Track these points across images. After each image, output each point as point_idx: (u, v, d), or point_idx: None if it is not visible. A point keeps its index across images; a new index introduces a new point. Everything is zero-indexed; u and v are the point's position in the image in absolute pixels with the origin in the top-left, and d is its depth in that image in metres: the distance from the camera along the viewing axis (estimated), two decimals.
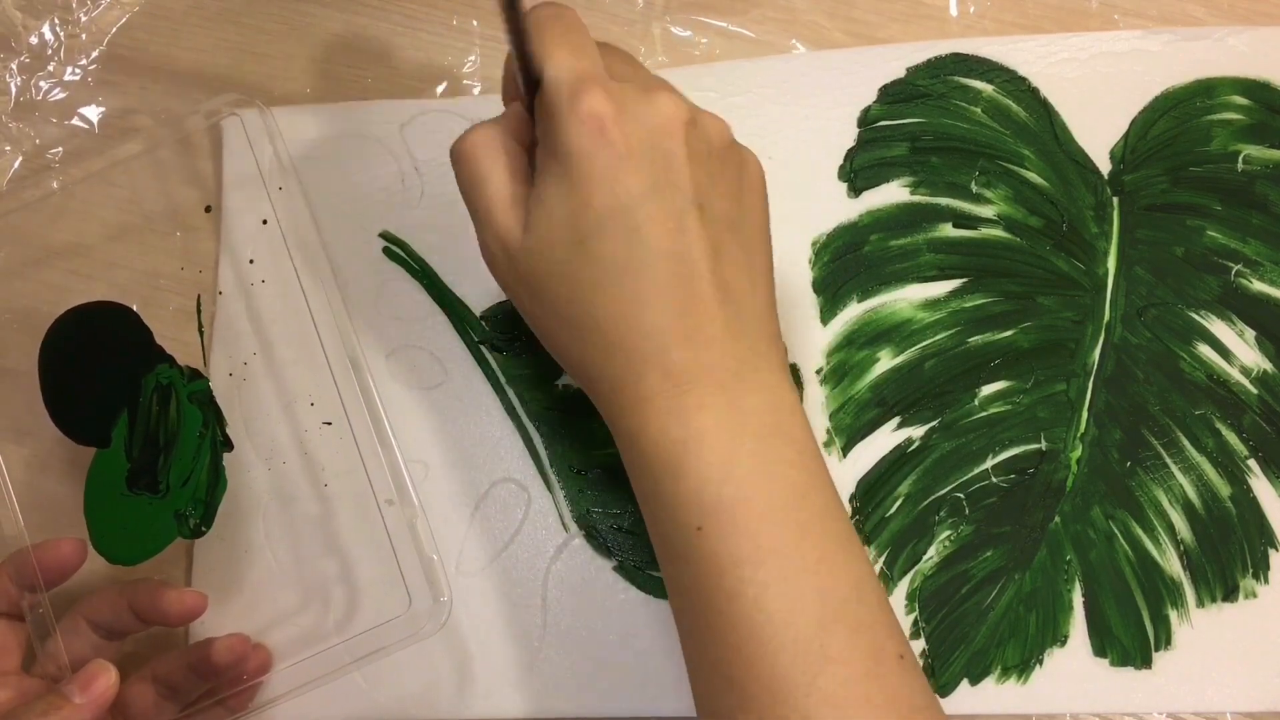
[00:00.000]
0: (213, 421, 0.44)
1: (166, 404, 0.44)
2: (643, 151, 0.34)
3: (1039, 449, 0.46)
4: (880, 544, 0.45)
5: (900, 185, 0.49)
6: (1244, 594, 0.44)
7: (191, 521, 0.43)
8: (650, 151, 0.34)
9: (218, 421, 0.44)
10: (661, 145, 0.34)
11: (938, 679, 0.44)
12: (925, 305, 0.47)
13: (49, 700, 0.38)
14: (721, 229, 0.35)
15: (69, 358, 0.44)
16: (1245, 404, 0.45)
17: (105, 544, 0.43)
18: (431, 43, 0.53)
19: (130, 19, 0.54)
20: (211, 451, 0.44)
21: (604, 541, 0.46)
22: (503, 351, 0.48)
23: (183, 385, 0.44)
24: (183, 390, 0.44)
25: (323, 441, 0.48)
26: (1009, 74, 0.49)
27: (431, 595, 0.43)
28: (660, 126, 0.34)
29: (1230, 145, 0.48)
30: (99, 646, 0.42)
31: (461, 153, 0.37)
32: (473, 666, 0.45)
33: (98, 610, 0.42)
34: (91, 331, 0.45)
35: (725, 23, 0.52)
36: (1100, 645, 0.44)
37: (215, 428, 0.44)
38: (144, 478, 0.43)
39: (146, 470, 0.43)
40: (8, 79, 0.53)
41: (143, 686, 0.42)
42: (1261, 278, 0.47)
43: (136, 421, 0.44)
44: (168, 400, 0.44)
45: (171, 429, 0.44)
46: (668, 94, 0.35)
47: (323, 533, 0.47)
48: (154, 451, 0.43)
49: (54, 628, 0.41)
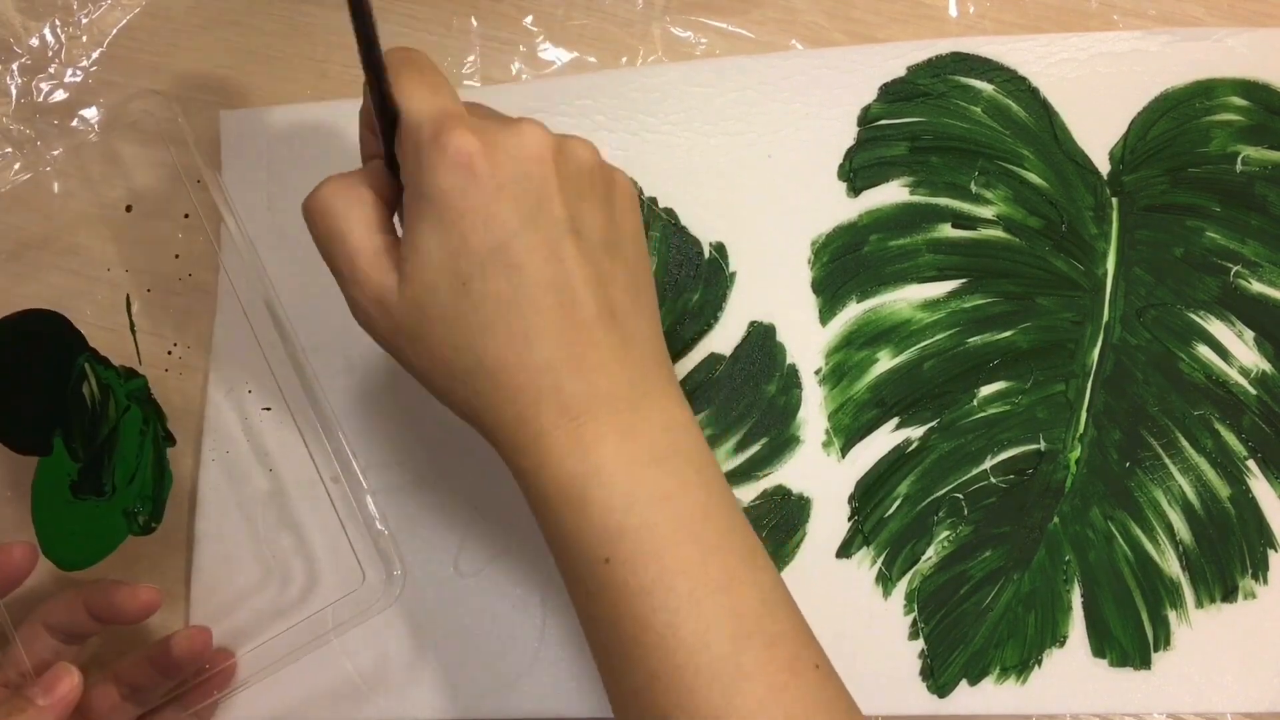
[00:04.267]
0: (153, 418, 0.44)
1: (106, 406, 0.44)
2: (514, 183, 0.33)
3: (1038, 449, 0.46)
4: (879, 544, 0.45)
5: (900, 185, 0.49)
6: (1243, 594, 0.44)
7: (141, 518, 0.43)
8: (521, 182, 0.33)
9: (158, 418, 0.44)
10: (532, 175, 0.34)
11: (936, 679, 0.44)
12: (924, 306, 0.47)
13: (13, 704, 0.38)
14: (600, 252, 0.35)
15: (1, 369, 0.44)
16: (1244, 405, 0.45)
17: (55, 550, 0.43)
18: (431, 43, 0.53)
19: (131, 20, 0.54)
20: (154, 448, 0.44)
21: None
22: None
23: (120, 385, 0.44)
24: (120, 390, 0.44)
25: (265, 427, 0.48)
26: (1009, 74, 0.49)
27: (385, 570, 0.43)
28: (528, 156, 0.34)
29: (1229, 146, 0.48)
30: (60, 651, 0.42)
31: (314, 208, 0.36)
32: (472, 667, 0.45)
33: (55, 615, 0.42)
34: (22, 340, 0.44)
35: (725, 23, 0.52)
36: (1099, 646, 0.44)
37: (156, 424, 0.44)
38: (90, 481, 0.43)
39: (92, 474, 0.43)
40: (8, 80, 0.53)
41: (106, 687, 0.42)
42: (1260, 278, 0.47)
43: (75, 427, 0.43)
44: (107, 402, 0.44)
45: (112, 430, 0.44)
46: (530, 124, 0.34)
47: (273, 515, 0.48)
48: (97, 454, 0.43)
49: (13, 635, 0.41)
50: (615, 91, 0.51)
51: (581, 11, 0.52)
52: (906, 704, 0.44)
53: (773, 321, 0.48)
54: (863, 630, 0.44)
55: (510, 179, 0.33)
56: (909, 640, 0.44)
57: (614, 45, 0.52)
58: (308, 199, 0.36)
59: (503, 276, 0.33)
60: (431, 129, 0.33)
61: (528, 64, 0.52)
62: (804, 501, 0.46)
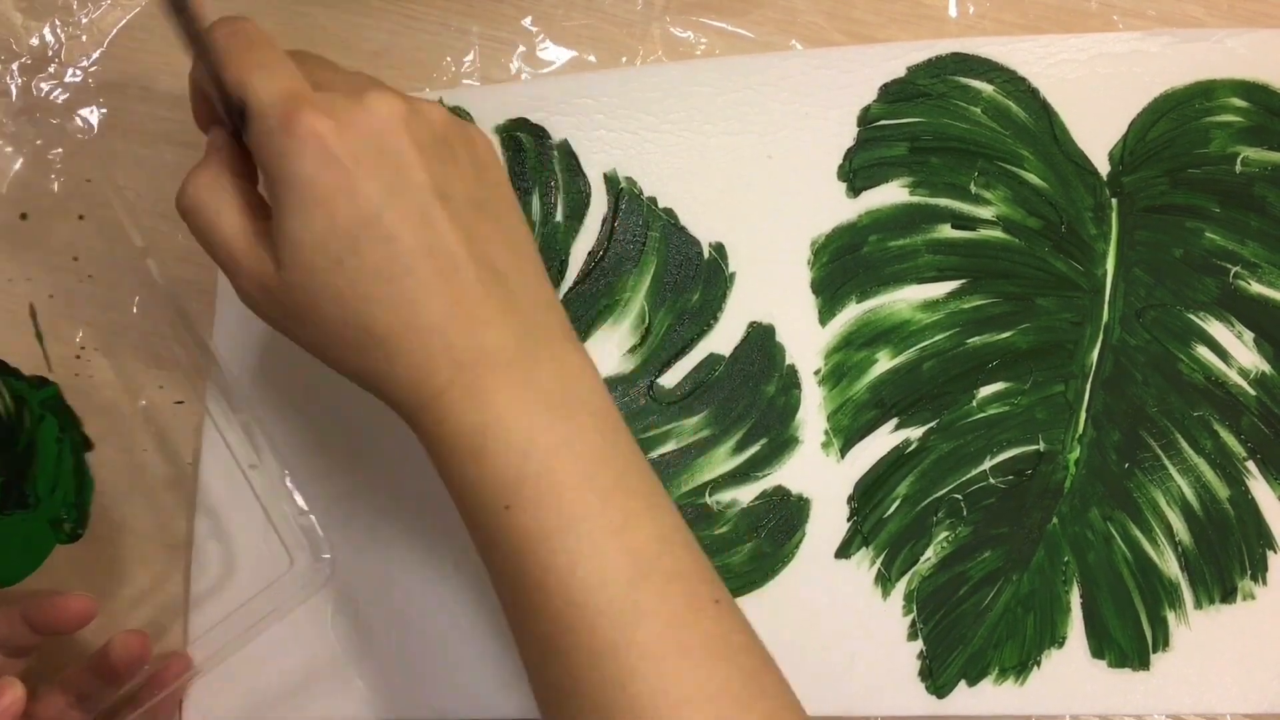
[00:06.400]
0: (69, 425, 0.43)
1: (20, 417, 0.43)
2: (371, 157, 0.33)
3: (1037, 450, 0.46)
4: (878, 545, 0.45)
5: (899, 185, 0.49)
6: (1242, 595, 0.44)
7: (67, 526, 0.42)
8: (378, 155, 0.33)
9: (74, 424, 0.44)
10: (388, 146, 0.34)
11: (935, 680, 0.44)
12: (924, 306, 0.47)
13: None
14: (469, 211, 0.35)
15: None
16: (1243, 406, 0.45)
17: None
18: (431, 43, 0.53)
19: (131, 20, 0.54)
20: (74, 454, 0.43)
21: None
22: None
23: (33, 394, 0.43)
24: (34, 399, 0.43)
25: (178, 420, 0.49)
26: (1009, 74, 0.49)
27: (311, 554, 0.43)
28: (381, 128, 0.34)
29: (1229, 147, 0.48)
30: (2, 666, 0.42)
31: (185, 208, 0.36)
32: (472, 667, 0.45)
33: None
34: None
35: (725, 23, 0.52)
36: (1098, 647, 0.44)
37: (73, 430, 0.43)
38: (12, 495, 0.42)
39: (14, 487, 0.42)
40: (8, 80, 0.53)
41: (51, 698, 0.42)
42: (1260, 279, 0.47)
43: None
44: (21, 413, 0.43)
45: (30, 441, 0.43)
46: (378, 93, 0.34)
47: (196, 507, 0.48)
48: (17, 466, 0.42)
49: None
50: (615, 91, 0.51)
51: (581, 11, 0.52)
52: (905, 705, 0.44)
53: (772, 322, 0.48)
54: (861, 631, 0.44)
55: (367, 153, 0.33)
56: (908, 641, 0.44)
57: (614, 45, 0.52)
58: (177, 199, 0.36)
59: (378, 249, 0.33)
60: (279, 115, 0.33)
61: (528, 64, 0.52)
62: (803, 502, 0.46)
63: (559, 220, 0.49)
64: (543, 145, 0.50)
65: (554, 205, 0.50)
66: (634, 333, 0.48)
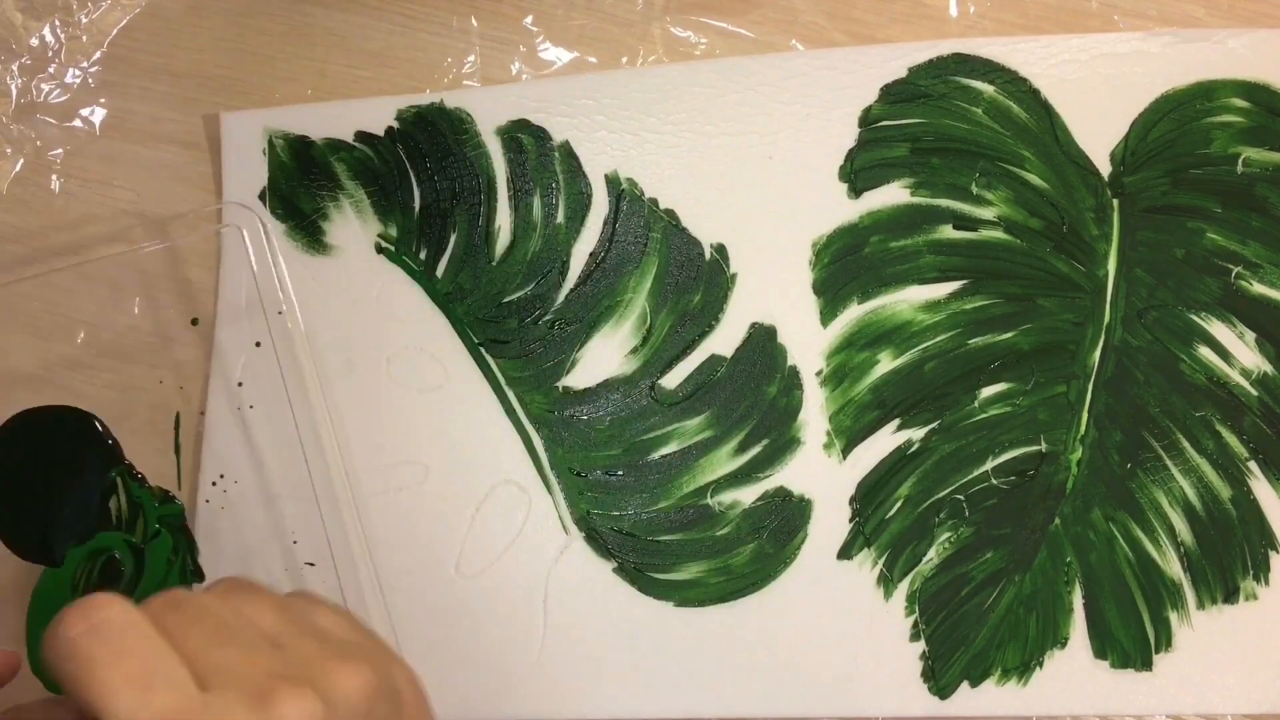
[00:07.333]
0: (184, 548, 0.41)
1: (134, 526, 0.40)
2: None
3: (1039, 451, 0.46)
4: (880, 546, 0.45)
5: (901, 186, 0.49)
6: (1244, 596, 0.44)
7: None
8: None
9: (189, 549, 0.41)
10: None
11: (937, 681, 0.44)
12: (925, 307, 0.47)
13: None
14: None
15: (19, 465, 0.40)
16: (1245, 406, 0.45)
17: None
18: (431, 43, 0.52)
19: (131, 20, 0.54)
20: (181, 580, 0.40)
21: (604, 543, 0.46)
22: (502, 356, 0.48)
23: (153, 507, 0.41)
24: (153, 512, 0.41)
25: (303, 582, 0.45)
26: (1010, 75, 0.49)
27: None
28: None
29: (1230, 147, 0.48)
30: None
31: None
32: (473, 668, 0.45)
33: None
34: (47, 438, 0.41)
35: (725, 23, 0.52)
36: (1100, 647, 0.44)
37: (186, 555, 0.41)
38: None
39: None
40: (8, 81, 0.53)
41: None
42: (1261, 280, 0.47)
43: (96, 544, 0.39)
44: (135, 521, 0.40)
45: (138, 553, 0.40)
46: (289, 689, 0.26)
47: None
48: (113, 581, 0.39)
49: None
50: (616, 92, 0.51)
51: (581, 11, 0.52)
52: (908, 706, 0.44)
53: (774, 323, 0.48)
54: (864, 632, 0.44)
55: None
56: (910, 642, 0.44)
57: (614, 45, 0.52)
58: None
59: None
60: None
61: (528, 64, 0.52)
62: (805, 503, 0.46)
63: (560, 221, 0.49)
64: (544, 146, 0.50)
65: (555, 206, 0.50)
66: (635, 334, 0.48)
